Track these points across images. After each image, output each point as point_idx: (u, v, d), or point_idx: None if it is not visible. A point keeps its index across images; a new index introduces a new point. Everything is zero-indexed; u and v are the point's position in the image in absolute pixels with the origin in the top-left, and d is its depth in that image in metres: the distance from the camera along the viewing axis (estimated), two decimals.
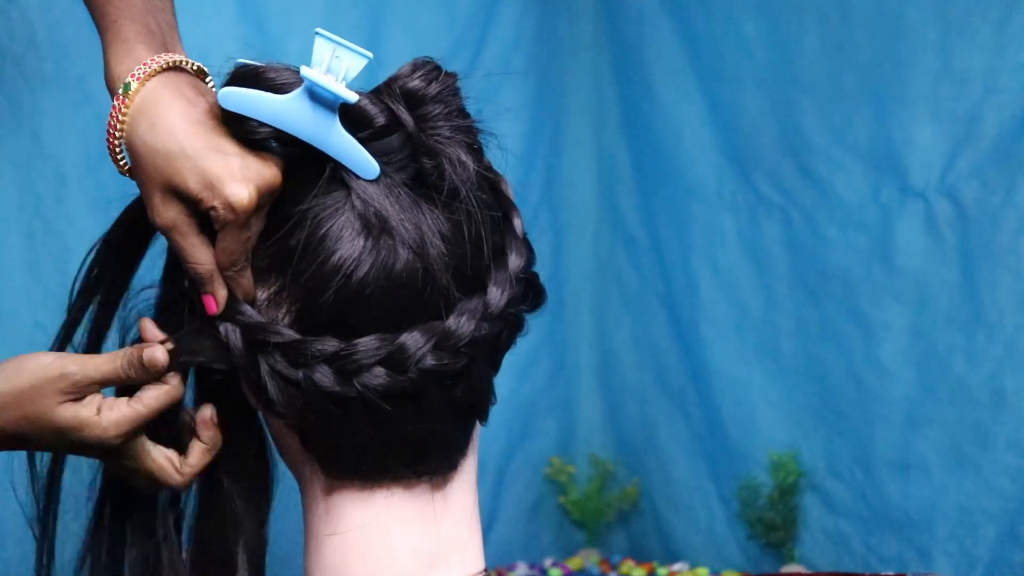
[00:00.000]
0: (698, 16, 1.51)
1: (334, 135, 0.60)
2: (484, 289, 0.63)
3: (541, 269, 0.68)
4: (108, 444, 0.64)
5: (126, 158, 0.65)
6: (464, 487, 0.67)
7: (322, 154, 0.61)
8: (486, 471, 1.52)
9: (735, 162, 1.49)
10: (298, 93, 0.60)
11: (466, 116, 0.64)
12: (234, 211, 0.59)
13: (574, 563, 1.60)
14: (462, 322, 0.61)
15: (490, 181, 0.66)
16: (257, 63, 0.62)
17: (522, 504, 1.61)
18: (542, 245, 0.71)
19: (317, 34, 0.60)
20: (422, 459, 0.64)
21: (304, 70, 0.59)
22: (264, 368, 0.61)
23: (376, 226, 0.60)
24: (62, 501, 0.71)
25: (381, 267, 0.60)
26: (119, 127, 0.63)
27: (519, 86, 1.58)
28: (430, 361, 0.60)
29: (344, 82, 0.60)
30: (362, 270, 0.60)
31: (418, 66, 0.63)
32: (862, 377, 1.36)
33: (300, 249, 0.61)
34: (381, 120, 0.61)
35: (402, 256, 0.60)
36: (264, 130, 0.61)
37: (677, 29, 1.54)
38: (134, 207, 0.69)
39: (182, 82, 0.64)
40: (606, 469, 1.64)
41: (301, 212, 0.61)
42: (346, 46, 0.60)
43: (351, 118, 0.61)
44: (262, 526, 0.74)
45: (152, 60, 0.64)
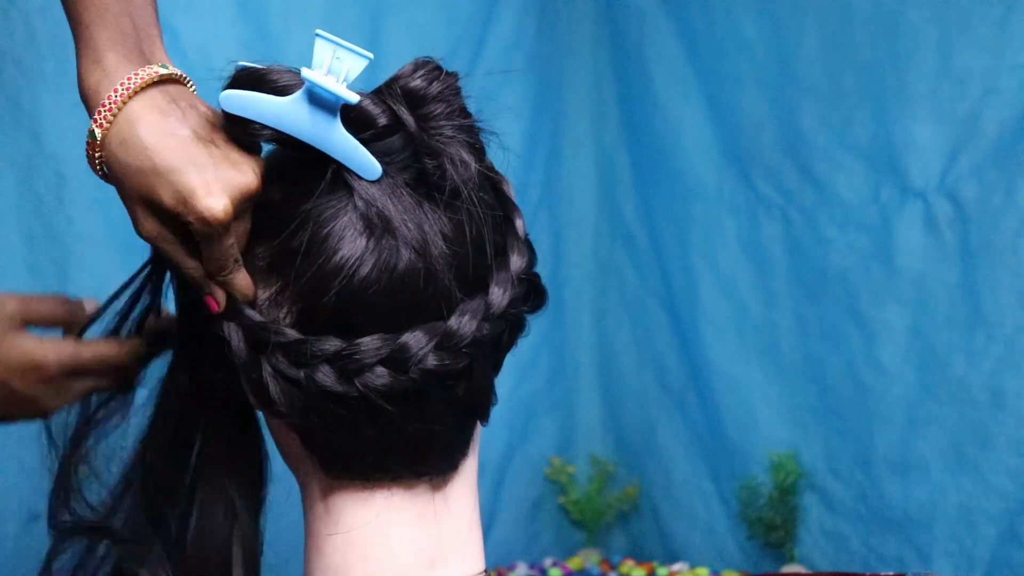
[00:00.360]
0: (698, 16, 1.51)
1: (336, 136, 0.60)
2: (486, 289, 0.63)
3: (541, 269, 0.68)
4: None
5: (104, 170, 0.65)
6: (464, 487, 0.67)
7: (324, 155, 0.61)
8: (486, 471, 1.52)
9: (735, 162, 1.49)
10: (299, 95, 0.60)
11: (468, 116, 0.64)
12: (209, 224, 0.59)
13: (574, 563, 1.60)
14: (464, 322, 0.61)
15: (492, 181, 0.66)
16: (258, 65, 0.62)
17: (522, 504, 1.61)
18: (542, 245, 0.71)
19: (317, 35, 0.60)
20: (423, 459, 0.64)
21: (305, 72, 0.59)
22: (266, 368, 0.61)
23: (378, 226, 0.60)
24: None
25: (383, 267, 0.60)
26: (97, 151, 0.63)
27: (519, 86, 1.58)
28: (432, 361, 0.60)
29: (345, 83, 0.60)
30: (364, 270, 0.60)
31: (419, 66, 0.63)
32: (862, 377, 1.36)
33: (302, 249, 0.60)
34: (383, 120, 0.61)
35: (404, 256, 0.60)
36: (266, 132, 0.61)
37: (677, 29, 1.54)
38: None
39: (156, 93, 0.63)
40: (606, 469, 1.64)
41: (304, 213, 0.61)
42: (346, 47, 0.60)
43: (352, 119, 0.61)
44: (256, 520, 0.74)
45: (121, 85, 0.63)
